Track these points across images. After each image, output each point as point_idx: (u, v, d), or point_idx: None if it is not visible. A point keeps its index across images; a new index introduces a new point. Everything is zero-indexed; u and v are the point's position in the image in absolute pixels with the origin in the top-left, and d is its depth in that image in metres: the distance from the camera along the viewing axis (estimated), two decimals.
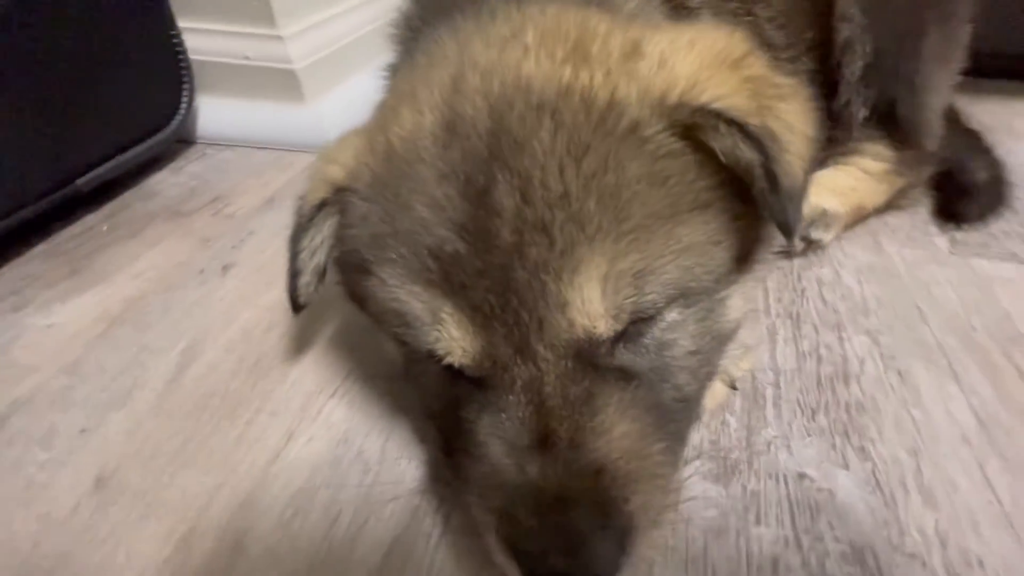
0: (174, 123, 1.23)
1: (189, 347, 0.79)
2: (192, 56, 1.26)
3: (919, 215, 1.05)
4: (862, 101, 1.01)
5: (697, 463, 0.63)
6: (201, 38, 1.26)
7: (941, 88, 1.00)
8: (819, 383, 0.74)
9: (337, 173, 0.56)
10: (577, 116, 0.45)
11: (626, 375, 0.47)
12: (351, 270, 0.56)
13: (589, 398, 0.45)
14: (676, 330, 0.49)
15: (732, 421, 0.69)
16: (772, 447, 0.66)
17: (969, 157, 1.04)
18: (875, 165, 1.02)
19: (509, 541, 0.44)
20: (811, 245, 0.94)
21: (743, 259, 0.53)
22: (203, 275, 0.92)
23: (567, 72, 0.47)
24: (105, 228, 1.04)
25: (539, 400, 0.45)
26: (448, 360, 0.47)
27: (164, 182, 1.18)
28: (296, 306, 0.62)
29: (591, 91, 0.46)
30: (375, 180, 0.51)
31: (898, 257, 0.96)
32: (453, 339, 0.46)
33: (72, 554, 0.56)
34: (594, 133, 0.44)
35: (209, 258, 0.96)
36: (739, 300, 0.55)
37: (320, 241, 0.59)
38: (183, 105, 1.25)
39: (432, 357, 0.48)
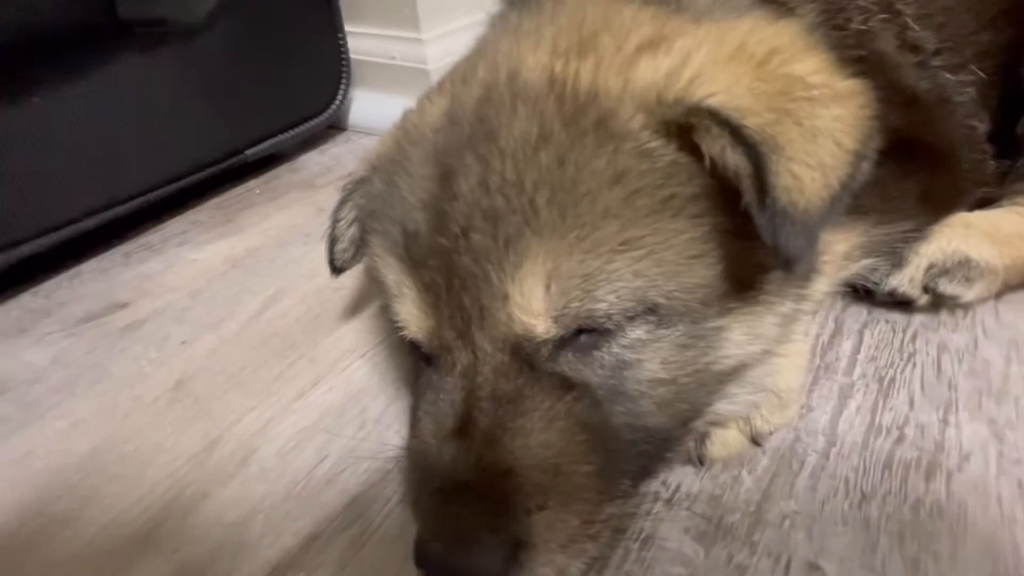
0: (329, 111, 1.45)
1: (275, 293, 0.93)
2: (352, 56, 1.47)
3: None
4: None
5: (684, 513, 0.56)
6: (360, 40, 1.47)
7: None
8: (887, 467, 0.59)
9: (375, 153, 0.62)
10: (551, 107, 0.43)
11: (567, 385, 0.44)
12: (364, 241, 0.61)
13: (518, 398, 0.43)
14: (641, 351, 0.44)
15: (747, 480, 0.59)
16: (787, 523, 0.55)
17: None
18: None
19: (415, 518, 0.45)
20: (941, 300, 0.75)
21: (744, 285, 0.45)
22: (308, 237, 1.08)
23: (559, 63, 0.45)
24: (258, 191, 1.28)
25: (471, 388, 0.44)
26: (405, 333, 0.50)
27: (311, 160, 1.40)
28: (333, 268, 0.70)
29: (575, 83, 0.44)
30: (387, 161, 0.56)
31: None
32: (410, 314, 0.48)
33: (142, 431, 0.71)
34: (562, 125, 0.42)
35: (318, 224, 1.11)
36: (742, 335, 0.47)
37: (355, 215, 0.65)
38: (339, 97, 1.47)
39: (400, 328, 0.51)
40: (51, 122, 0.94)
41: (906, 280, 0.74)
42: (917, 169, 0.72)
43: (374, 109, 1.53)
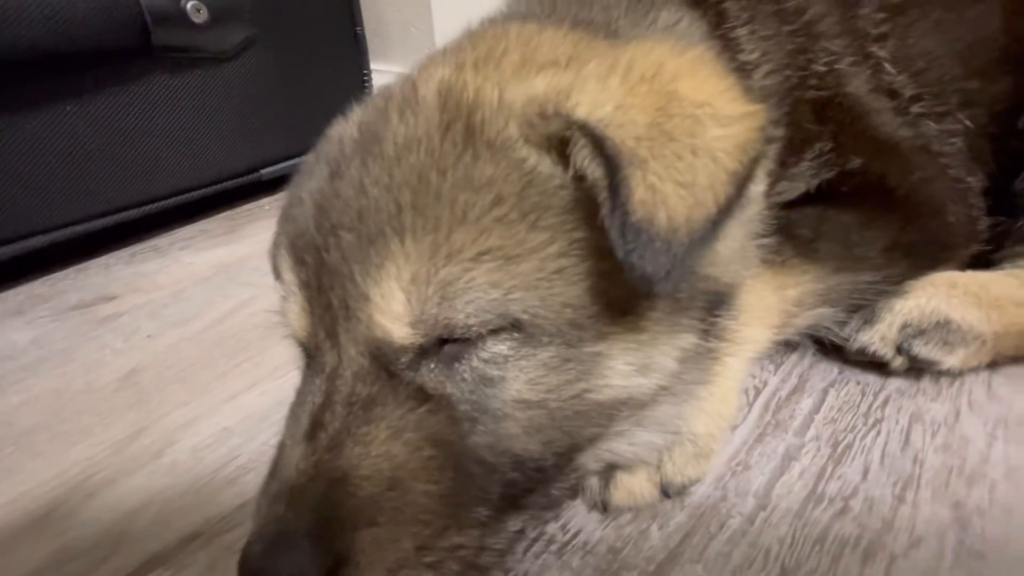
0: None
1: (247, 299, 0.96)
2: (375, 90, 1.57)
3: None
4: None
5: (576, 562, 0.51)
6: (383, 77, 1.56)
7: None
8: (819, 541, 0.52)
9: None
10: (433, 115, 0.44)
11: (424, 396, 0.42)
12: None
13: (370, 404, 0.42)
14: (504, 367, 0.42)
15: (655, 535, 0.53)
16: None
17: None
18: None
19: None
20: (918, 364, 0.67)
21: (621, 310, 0.42)
22: None
23: (454, 76, 0.46)
24: (267, 207, 1.36)
25: (331, 391, 0.43)
26: (289, 333, 0.49)
27: None
28: (277, 275, 0.72)
29: (460, 93, 0.44)
30: (304, 166, 0.58)
31: None
32: (291, 312, 0.48)
33: (80, 413, 0.73)
34: (437, 131, 0.43)
35: None
36: (625, 365, 0.44)
37: None
38: None
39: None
40: (80, 130, 1.05)
41: (877, 338, 0.67)
42: (889, 219, 0.67)
43: None
